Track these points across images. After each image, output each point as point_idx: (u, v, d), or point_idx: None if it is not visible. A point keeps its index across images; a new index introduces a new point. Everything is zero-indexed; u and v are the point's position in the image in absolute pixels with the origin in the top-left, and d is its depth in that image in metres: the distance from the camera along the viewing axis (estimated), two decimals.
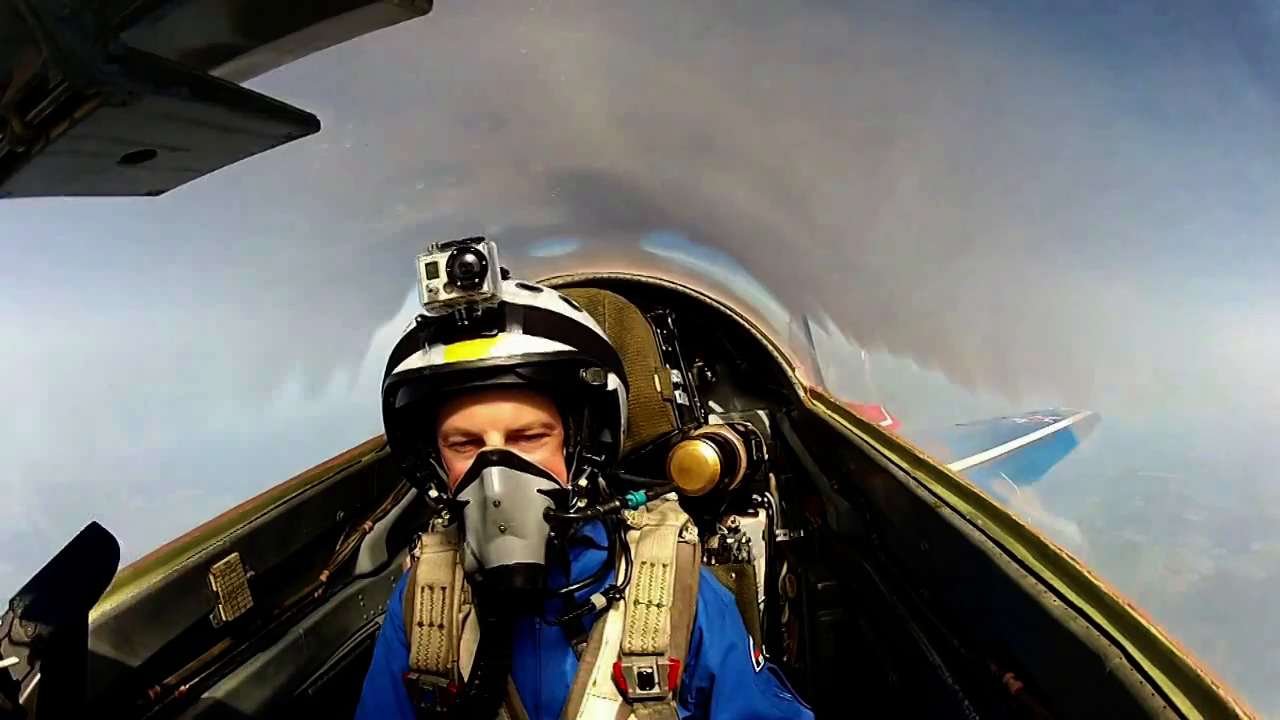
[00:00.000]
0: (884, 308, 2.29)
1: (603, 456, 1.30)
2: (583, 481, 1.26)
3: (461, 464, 1.20)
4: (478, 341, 1.16)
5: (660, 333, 2.15)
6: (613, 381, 1.26)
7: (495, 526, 1.14)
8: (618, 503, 1.31)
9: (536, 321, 1.20)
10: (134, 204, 0.84)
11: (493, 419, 1.18)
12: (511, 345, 1.16)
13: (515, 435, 1.19)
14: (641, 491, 1.36)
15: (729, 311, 2.44)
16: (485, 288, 1.13)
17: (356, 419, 2.38)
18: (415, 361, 1.20)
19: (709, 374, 2.55)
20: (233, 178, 0.83)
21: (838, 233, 2.10)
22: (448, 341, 1.17)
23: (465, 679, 1.30)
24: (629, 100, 1.69)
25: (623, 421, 1.32)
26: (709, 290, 2.46)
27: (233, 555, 1.53)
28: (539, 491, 1.18)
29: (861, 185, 1.87)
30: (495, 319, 1.17)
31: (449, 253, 1.13)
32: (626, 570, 1.33)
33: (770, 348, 2.40)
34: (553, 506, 1.18)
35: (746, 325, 2.43)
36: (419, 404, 1.24)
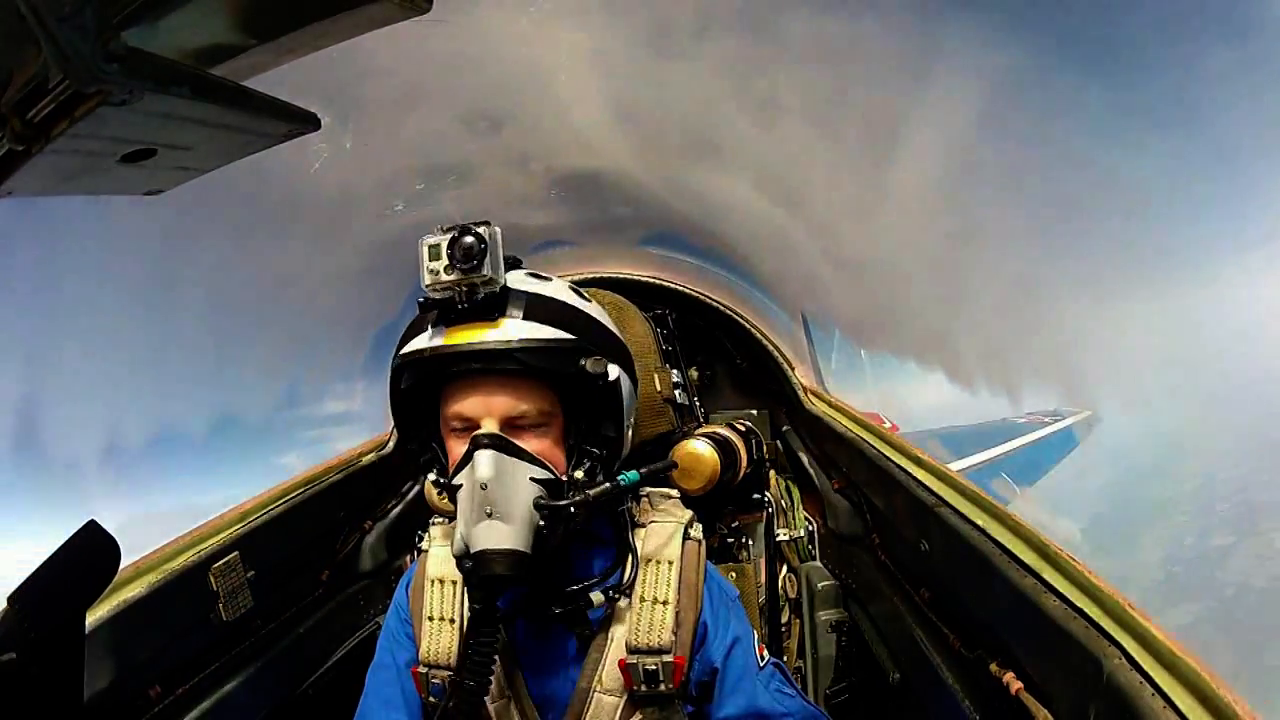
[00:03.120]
0: (884, 307, 2.29)
1: (605, 450, 1.27)
2: (579, 474, 1.23)
3: (460, 448, 1.20)
4: (478, 325, 1.16)
5: (660, 332, 2.15)
6: (615, 372, 1.24)
7: (482, 510, 1.14)
8: (607, 485, 1.22)
9: (537, 308, 1.19)
10: (134, 204, 0.84)
11: (489, 405, 1.18)
12: (510, 330, 1.16)
13: (512, 422, 1.19)
14: (636, 471, 1.27)
15: (729, 311, 2.44)
16: (485, 270, 1.12)
17: (356, 419, 2.38)
18: (418, 343, 1.20)
19: (709, 374, 2.55)
20: (232, 177, 0.83)
21: (838, 232, 2.10)
22: (449, 325, 1.18)
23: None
24: (629, 100, 1.69)
25: (627, 415, 1.29)
26: (709, 290, 2.46)
27: (233, 555, 1.53)
28: (531, 480, 1.17)
29: (862, 185, 1.87)
30: (497, 304, 1.17)
31: (450, 235, 1.13)
32: (632, 569, 1.32)
33: (770, 348, 2.40)
34: (544, 496, 1.17)
35: (746, 325, 2.43)
36: (423, 387, 1.24)
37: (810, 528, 2.30)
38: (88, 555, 0.87)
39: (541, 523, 1.16)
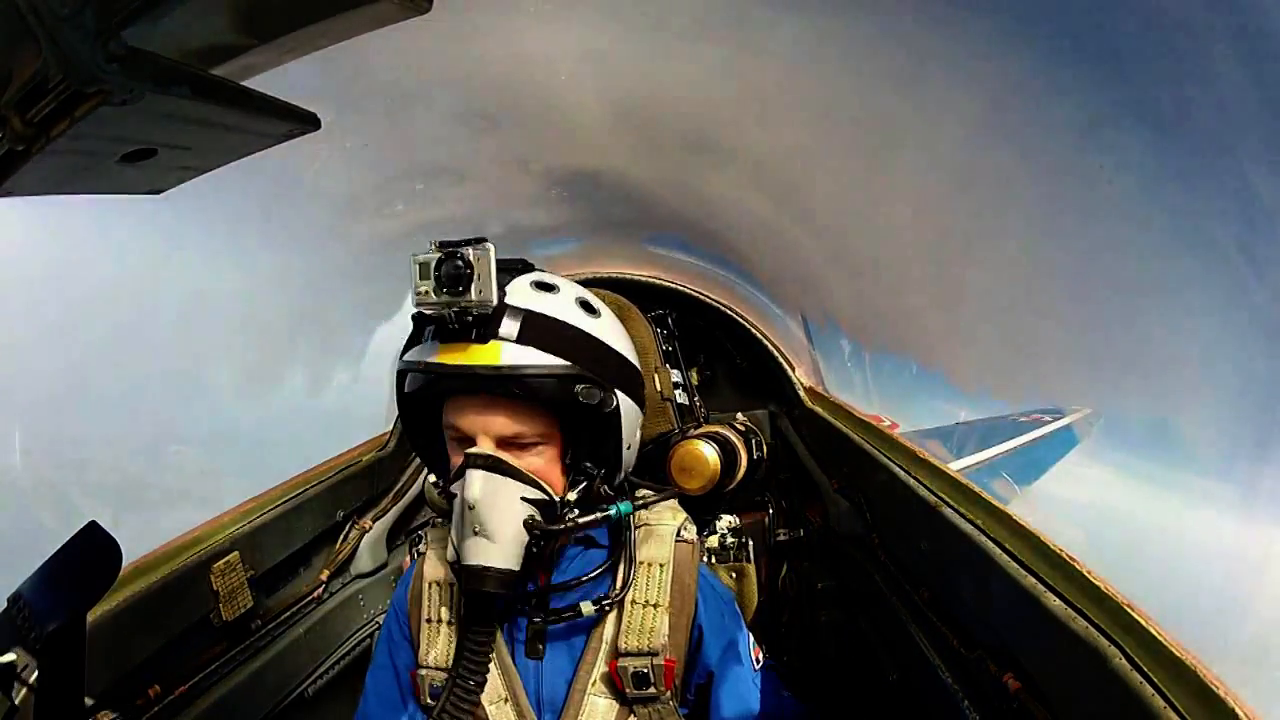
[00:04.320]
0: (884, 307, 2.29)
1: (603, 470, 1.25)
2: (571, 496, 1.22)
3: (457, 458, 1.19)
4: (470, 347, 1.12)
5: (660, 332, 2.15)
6: (618, 400, 1.20)
7: (470, 528, 1.13)
8: (597, 515, 1.22)
9: (532, 331, 1.14)
10: (135, 201, 0.84)
11: (485, 425, 1.16)
12: (502, 355, 1.12)
13: (508, 441, 1.18)
14: (628, 502, 1.26)
15: (729, 311, 2.44)
16: (472, 295, 1.09)
17: (357, 419, 2.38)
18: (417, 353, 1.19)
19: (709, 374, 2.55)
20: (232, 177, 0.83)
21: (838, 232, 2.09)
22: (443, 341, 1.15)
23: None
24: (629, 100, 1.69)
25: (629, 435, 1.27)
26: (709, 290, 2.46)
27: (233, 555, 1.53)
28: (523, 500, 1.16)
29: (863, 185, 1.87)
30: (489, 325, 1.12)
31: (439, 256, 1.10)
32: (626, 574, 1.32)
33: (770, 348, 2.40)
34: (536, 516, 1.16)
35: (746, 325, 2.43)
36: (425, 393, 1.23)
37: (810, 528, 2.30)
38: (89, 556, 0.87)
39: (529, 541, 1.16)
